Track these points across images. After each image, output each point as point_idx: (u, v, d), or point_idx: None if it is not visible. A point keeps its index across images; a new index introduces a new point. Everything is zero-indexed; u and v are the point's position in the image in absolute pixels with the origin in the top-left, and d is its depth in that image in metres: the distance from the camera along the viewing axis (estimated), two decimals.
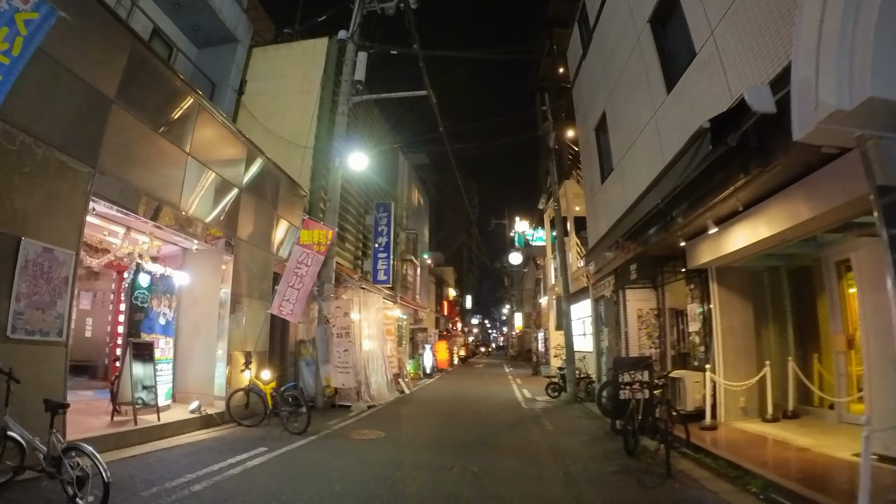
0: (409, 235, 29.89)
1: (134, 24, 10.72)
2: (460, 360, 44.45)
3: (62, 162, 6.94)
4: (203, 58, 16.33)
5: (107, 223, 9.36)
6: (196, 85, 13.26)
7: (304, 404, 9.69)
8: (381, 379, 15.65)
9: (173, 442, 8.22)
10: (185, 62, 15.21)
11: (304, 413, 9.59)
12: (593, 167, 14.42)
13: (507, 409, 13.73)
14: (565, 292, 16.39)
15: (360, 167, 14.89)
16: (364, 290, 15.87)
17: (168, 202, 9.36)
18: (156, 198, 9.03)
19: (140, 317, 9.94)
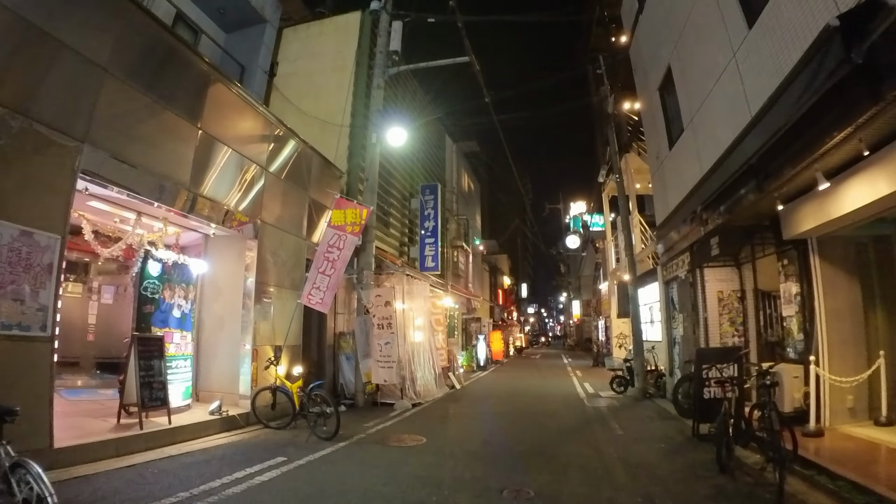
0: (459, 221, 28.60)
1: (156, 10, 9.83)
2: (516, 350, 42.85)
3: (43, 135, 6.13)
4: (232, 42, 15.48)
5: (117, 209, 8.61)
6: (225, 69, 12.36)
7: (333, 405, 8.60)
8: (429, 373, 14.39)
9: (184, 448, 7.35)
10: (212, 47, 14.40)
11: (332, 415, 8.44)
12: (658, 133, 12.76)
13: (567, 406, 12.23)
14: (632, 274, 14.68)
15: (398, 142, 13.64)
16: (409, 278, 14.59)
17: (176, 181, 8.40)
18: (160, 176, 8.04)
19: (150, 309, 8.96)
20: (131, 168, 7.40)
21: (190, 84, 8.82)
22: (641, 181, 18.86)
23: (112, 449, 6.68)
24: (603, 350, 27.56)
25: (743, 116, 7.60)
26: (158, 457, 6.79)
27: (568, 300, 58.32)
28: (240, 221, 10.05)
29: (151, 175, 7.82)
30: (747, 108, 7.50)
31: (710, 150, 8.99)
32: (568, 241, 32.90)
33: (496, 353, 29.85)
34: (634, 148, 18.26)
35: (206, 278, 10.70)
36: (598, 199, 26.86)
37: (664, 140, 12.29)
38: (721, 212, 8.89)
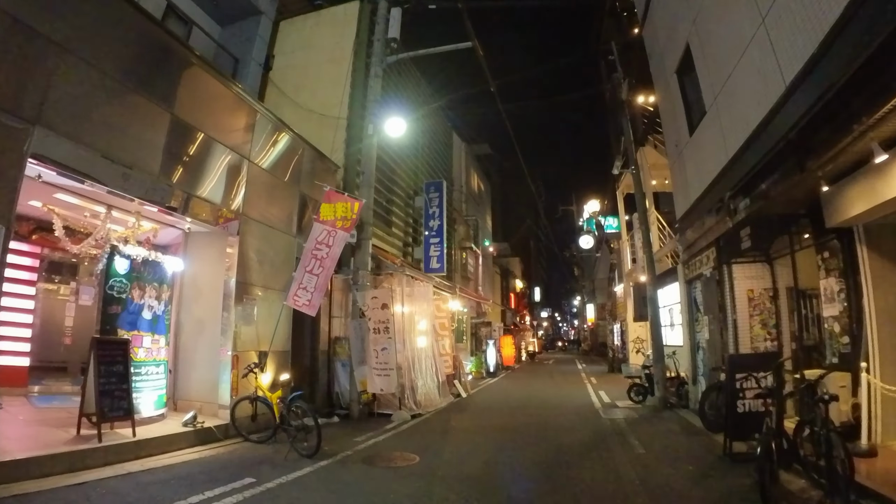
0: (468, 222, 27.67)
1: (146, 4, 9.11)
2: (529, 356, 41.72)
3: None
4: (227, 35, 14.96)
5: (87, 202, 7.96)
6: (219, 62, 12.06)
7: (314, 418, 7.63)
8: (431, 381, 13.42)
9: (149, 464, 6.64)
10: (205, 40, 13.79)
11: (313, 430, 7.52)
12: (677, 119, 11.74)
13: (581, 418, 11.15)
14: (650, 273, 13.58)
15: (397, 133, 12.65)
16: (409, 279, 13.66)
17: (143, 169, 7.62)
18: (124, 163, 7.23)
19: (117, 310, 8.14)
20: (90, 153, 6.68)
21: (162, 67, 8.09)
22: (658, 177, 17.83)
23: (65, 463, 5.99)
24: (619, 355, 26.39)
25: (775, 88, 6.62)
26: (115, 474, 6.06)
27: (582, 304, 56.95)
28: (221, 217, 9.26)
29: (114, 162, 7.04)
30: (780, 79, 6.51)
31: (738, 130, 7.99)
32: (581, 242, 31.64)
33: (507, 358, 28.79)
34: (650, 141, 17.18)
35: (185, 278, 10.00)
36: (611, 197, 25.75)
37: (683, 126, 11.27)
38: (753, 199, 7.84)
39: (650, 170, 17.48)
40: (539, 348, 53.61)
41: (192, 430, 8.06)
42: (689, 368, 11.95)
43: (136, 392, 7.86)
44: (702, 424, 9.20)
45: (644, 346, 19.73)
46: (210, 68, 9.23)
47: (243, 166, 9.79)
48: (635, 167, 14.19)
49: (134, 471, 6.28)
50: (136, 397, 7.88)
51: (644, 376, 13.21)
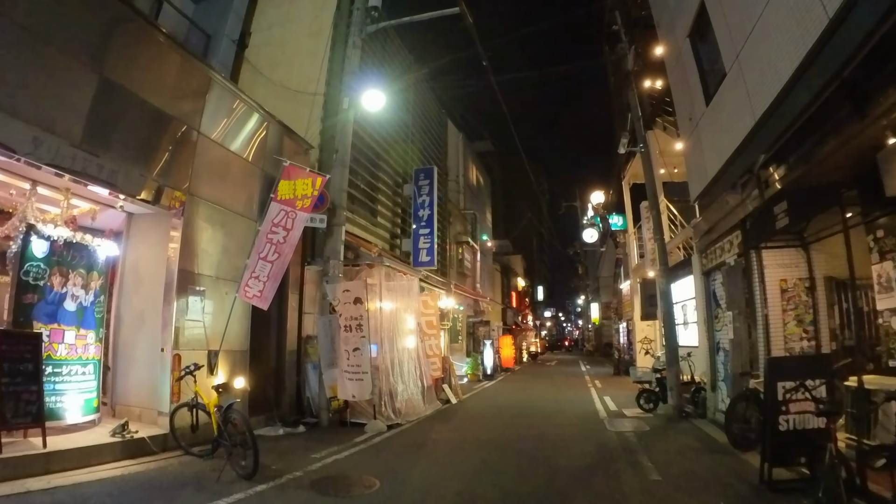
0: (466, 216, 26.27)
1: None
2: (530, 356, 40.16)
3: None
4: (200, 12, 13.88)
5: (12, 178, 6.89)
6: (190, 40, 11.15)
7: (250, 431, 6.26)
8: (414, 387, 11.95)
9: (54, 481, 5.65)
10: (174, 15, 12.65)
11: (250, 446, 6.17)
12: (691, 90, 10.35)
13: (583, 430, 9.65)
14: (662, 264, 12.08)
15: (375, 107, 11.26)
16: (391, 271, 12.23)
17: (59, 134, 6.41)
18: (34, 126, 6.10)
19: (32, 299, 6.94)
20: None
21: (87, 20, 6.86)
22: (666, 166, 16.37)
23: None
24: (625, 356, 24.94)
25: (815, 24, 5.22)
26: None
27: (586, 303, 55.35)
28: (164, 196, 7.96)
29: (19, 123, 5.94)
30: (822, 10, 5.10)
31: (767, 85, 6.57)
32: (585, 235, 30.01)
33: (506, 359, 27.22)
34: (658, 124, 15.73)
35: (126, 266, 8.81)
36: (617, 186, 24.23)
37: (698, 96, 9.87)
38: (791, 165, 6.41)
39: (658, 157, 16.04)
40: (541, 349, 51.99)
41: (119, 441, 6.92)
42: (706, 372, 10.44)
43: (56, 395, 6.93)
44: (726, 439, 7.76)
45: (652, 346, 18.32)
46: (153, 27, 7.98)
47: (192, 139, 8.49)
48: (644, 145, 12.70)
49: (32, 489, 5.35)
50: (56, 401, 6.92)
51: (655, 381, 11.75)
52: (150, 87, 7.72)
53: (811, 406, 5.25)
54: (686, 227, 14.49)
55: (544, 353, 52.01)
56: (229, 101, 9.46)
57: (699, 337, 11.14)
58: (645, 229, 16.64)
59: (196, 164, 8.52)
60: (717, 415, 9.72)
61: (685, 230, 14.19)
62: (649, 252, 15.75)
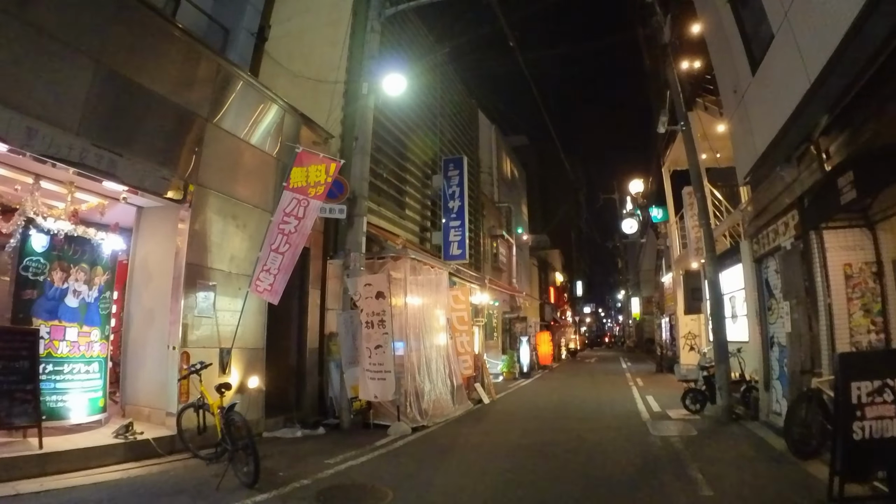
0: (501, 208, 25.59)
1: None
2: (570, 353, 39.15)
3: None
4: (219, 7, 13.30)
5: (16, 172, 6.70)
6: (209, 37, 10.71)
7: (250, 437, 5.79)
8: (443, 386, 11.33)
9: (48, 484, 5.40)
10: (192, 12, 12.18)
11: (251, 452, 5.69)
12: (734, 59, 9.48)
13: (624, 435, 8.80)
14: (709, 251, 11.03)
15: (396, 91, 10.75)
16: (417, 263, 11.60)
17: (56, 124, 6.13)
18: (27, 116, 5.82)
19: (31, 295, 6.71)
20: None
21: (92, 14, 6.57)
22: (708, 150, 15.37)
23: None
24: (668, 352, 23.88)
25: None
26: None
27: (626, 297, 53.89)
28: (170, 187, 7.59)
29: (12, 113, 5.66)
30: None
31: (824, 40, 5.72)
32: (624, 226, 28.84)
33: (544, 356, 26.37)
34: (699, 104, 14.74)
35: (136, 261, 8.54)
36: (657, 173, 23.11)
37: (743, 66, 9.02)
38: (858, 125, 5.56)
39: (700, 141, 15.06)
40: (581, 345, 50.86)
41: (122, 443, 6.64)
42: (758, 370, 9.51)
43: (57, 394, 6.74)
44: (783, 445, 6.93)
45: (697, 342, 17.32)
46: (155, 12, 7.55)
47: (199, 128, 8.10)
48: (685, 123, 11.79)
49: (22, 492, 5.11)
50: (58, 400, 6.73)
51: (702, 379, 10.85)
52: (154, 77, 7.35)
53: (893, 410, 4.45)
54: (732, 212, 13.53)
55: (584, 350, 50.81)
56: (241, 89, 9.04)
57: (750, 331, 10.19)
58: (688, 217, 15.63)
59: (205, 154, 8.14)
60: (770, 416, 8.82)
61: (732, 215, 13.19)
62: (693, 241, 14.77)
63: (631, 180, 26.82)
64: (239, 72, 9.13)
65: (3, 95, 5.58)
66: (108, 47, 6.72)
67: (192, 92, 8.03)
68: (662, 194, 22.00)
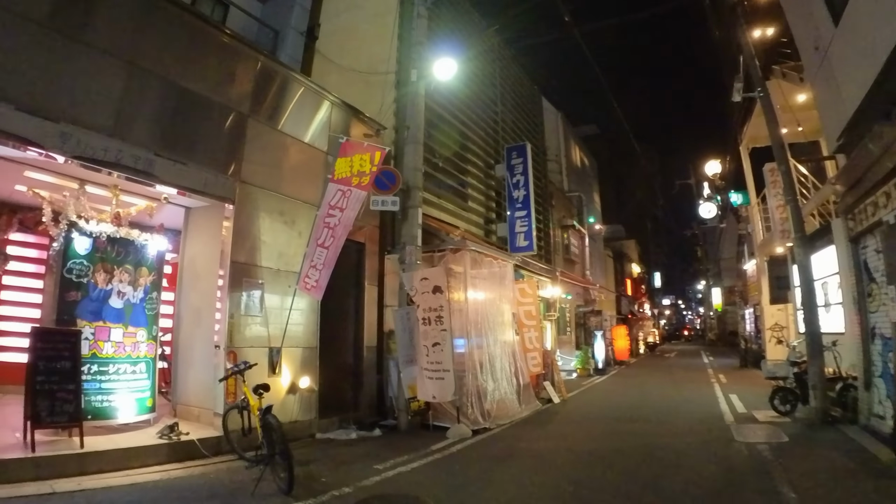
0: (571, 198, 24.70)
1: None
2: (648, 348, 37.58)
3: None
4: (268, 11, 13.98)
5: (62, 179, 6.97)
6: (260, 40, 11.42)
7: (283, 441, 5.45)
8: (508, 385, 10.73)
9: (84, 484, 5.36)
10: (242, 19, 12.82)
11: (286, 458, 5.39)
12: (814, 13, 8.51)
13: (705, 440, 7.90)
14: (797, 231, 9.84)
15: (447, 76, 10.27)
16: (479, 256, 11.06)
17: (90, 126, 6.15)
18: (61, 120, 5.87)
19: (76, 297, 6.72)
20: (8, 108, 5.42)
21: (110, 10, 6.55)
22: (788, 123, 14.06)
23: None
24: (752, 346, 22.38)
25: None
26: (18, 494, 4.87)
27: (706, 288, 51.42)
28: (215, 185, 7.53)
29: (45, 118, 5.73)
30: None
31: None
32: (702, 211, 27.19)
33: (620, 351, 25.29)
34: (776, 72, 13.49)
35: (184, 261, 8.50)
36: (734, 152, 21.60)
37: (824, 19, 8.06)
38: None
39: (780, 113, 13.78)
40: (660, 339, 48.92)
41: (165, 443, 6.58)
42: (857, 365, 8.42)
43: (103, 394, 6.77)
44: (891, 456, 6.01)
45: (784, 334, 16.00)
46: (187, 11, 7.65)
47: (242, 125, 8.04)
48: (762, 88, 10.67)
49: (57, 491, 5.08)
50: (104, 400, 6.76)
51: (792, 376, 9.80)
52: (196, 78, 7.40)
53: None
54: (820, 188, 12.26)
55: (662, 344, 48.88)
56: (288, 87, 9.02)
57: (846, 321, 9.05)
58: (770, 197, 14.32)
59: (250, 152, 8.08)
60: (872, 420, 7.72)
61: (821, 191, 11.88)
62: (777, 222, 13.50)
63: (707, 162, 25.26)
64: (283, 68, 9.11)
65: (37, 103, 5.65)
66: (145, 50, 6.77)
67: (237, 91, 8.05)
68: (741, 175, 20.57)
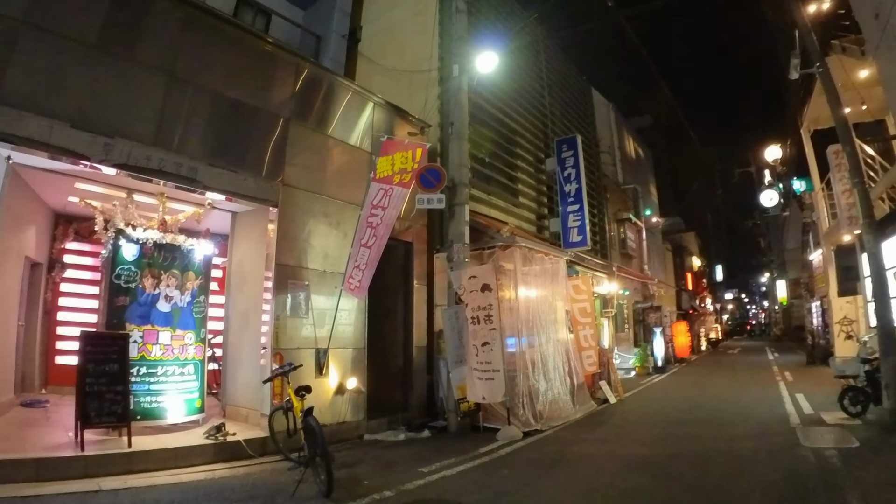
0: (626, 190, 24.05)
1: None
2: (710, 344, 36.23)
3: None
4: (309, 17, 14.79)
5: (111, 189, 7.31)
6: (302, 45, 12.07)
7: (322, 442, 5.36)
8: (561, 386, 10.37)
9: (130, 482, 5.50)
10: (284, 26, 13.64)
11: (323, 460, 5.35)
12: None
13: (768, 445, 7.34)
14: (866, 216, 9.09)
15: (488, 69, 10.10)
16: (530, 252, 10.75)
17: (131, 136, 6.40)
18: (103, 131, 6.14)
19: (124, 301, 6.99)
20: (56, 122, 5.78)
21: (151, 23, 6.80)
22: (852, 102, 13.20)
23: (28, 470, 5.27)
24: (820, 341, 21.26)
25: None
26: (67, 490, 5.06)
27: (770, 281, 49.34)
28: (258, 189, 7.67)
29: (90, 131, 6.04)
30: None
31: None
32: (763, 199, 25.68)
33: (680, 348, 24.41)
34: (835, 47, 12.69)
35: (232, 265, 8.72)
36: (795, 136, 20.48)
37: None
38: None
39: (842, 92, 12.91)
40: (722, 335, 47.21)
41: (212, 444, 6.71)
42: None
43: (152, 395, 7.00)
44: None
45: (854, 328, 15.12)
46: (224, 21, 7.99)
47: (284, 129, 8.13)
48: (821, 64, 10.02)
49: (103, 488, 5.24)
50: (153, 401, 7.00)
51: (863, 374, 9.15)
52: (234, 84, 7.56)
53: None
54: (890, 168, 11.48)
55: (725, 340, 47.16)
56: (331, 90, 9.12)
57: None
58: (835, 181, 13.39)
59: (292, 155, 8.17)
60: None
61: (890, 171, 11.05)
62: (844, 208, 12.69)
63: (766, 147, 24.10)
64: (325, 72, 9.30)
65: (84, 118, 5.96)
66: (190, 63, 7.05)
67: (278, 97, 8.19)
68: (803, 160, 19.52)
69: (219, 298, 8.89)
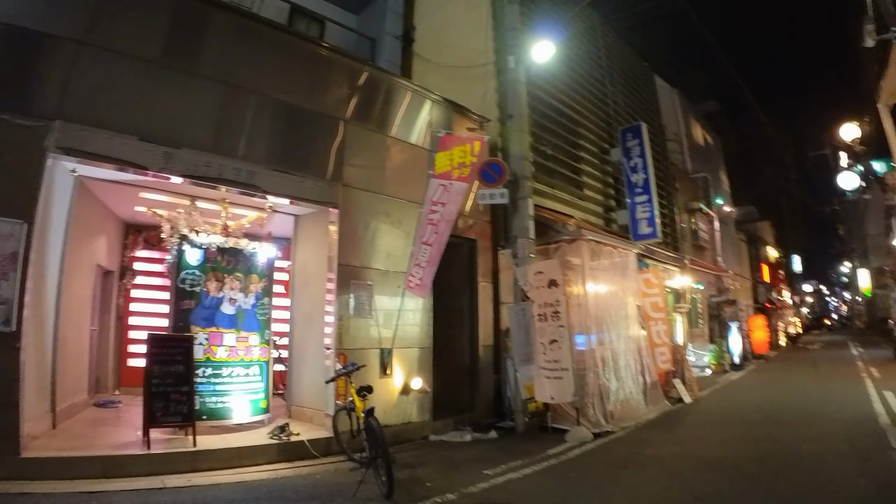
0: (696, 179, 23.13)
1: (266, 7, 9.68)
2: (789, 339, 34.24)
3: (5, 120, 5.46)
4: (363, 21, 14.95)
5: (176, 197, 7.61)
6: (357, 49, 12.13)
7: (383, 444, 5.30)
8: (633, 385, 9.94)
9: (195, 480, 5.67)
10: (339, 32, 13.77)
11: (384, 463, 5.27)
12: None
13: (853, 447, 6.82)
14: None
15: (544, 58, 9.86)
16: (597, 245, 10.36)
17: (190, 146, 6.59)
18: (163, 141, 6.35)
19: (189, 305, 7.25)
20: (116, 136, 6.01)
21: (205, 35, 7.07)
22: None
23: (97, 467, 5.50)
24: None
25: None
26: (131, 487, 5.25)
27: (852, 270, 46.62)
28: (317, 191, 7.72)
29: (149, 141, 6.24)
30: None
31: None
32: (841, 181, 24.07)
33: (758, 344, 23.24)
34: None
35: (296, 268, 8.81)
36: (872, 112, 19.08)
37: None
38: None
39: None
40: (802, 329, 44.86)
41: (276, 444, 6.81)
42: None
43: (217, 396, 7.20)
44: None
45: None
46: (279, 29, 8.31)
47: (338, 129, 8.13)
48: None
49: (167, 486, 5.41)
50: (218, 402, 7.20)
51: None
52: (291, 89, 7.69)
53: None
54: None
55: (805, 334, 44.79)
56: (387, 90, 9.12)
57: None
58: None
59: (349, 154, 8.13)
60: None
61: None
62: None
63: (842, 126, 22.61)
64: (380, 73, 9.36)
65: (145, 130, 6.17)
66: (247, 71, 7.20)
67: (334, 99, 8.24)
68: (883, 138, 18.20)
69: (283, 301, 9.01)
